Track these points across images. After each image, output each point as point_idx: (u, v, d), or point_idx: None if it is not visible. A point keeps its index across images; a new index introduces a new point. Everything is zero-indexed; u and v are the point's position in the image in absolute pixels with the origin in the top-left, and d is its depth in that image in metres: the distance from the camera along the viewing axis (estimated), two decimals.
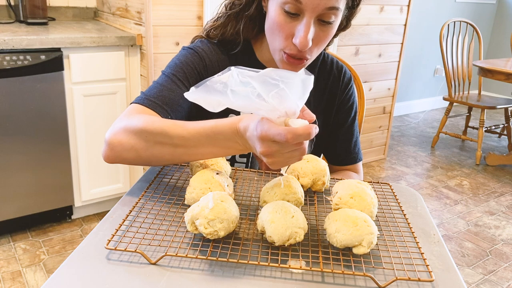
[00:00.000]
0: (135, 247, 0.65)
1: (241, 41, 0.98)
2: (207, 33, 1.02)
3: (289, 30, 0.86)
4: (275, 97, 0.61)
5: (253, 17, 0.96)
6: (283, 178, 0.79)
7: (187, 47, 1.00)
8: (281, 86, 0.61)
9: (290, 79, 0.62)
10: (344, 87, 1.10)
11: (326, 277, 0.63)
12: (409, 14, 3.09)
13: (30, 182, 2.08)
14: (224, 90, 0.62)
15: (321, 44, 0.90)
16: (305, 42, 0.84)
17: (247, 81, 0.62)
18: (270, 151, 0.65)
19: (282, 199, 0.75)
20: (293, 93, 0.62)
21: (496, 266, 2.18)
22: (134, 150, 0.80)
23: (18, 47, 1.85)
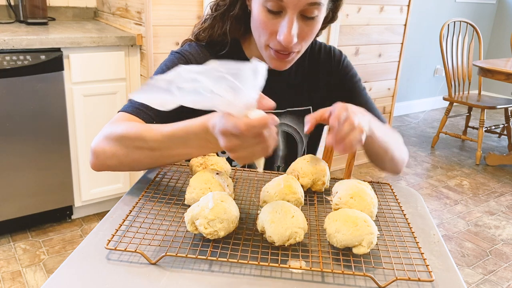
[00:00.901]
0: (135, 247, 0.65)
1: (229, 41, 0.99)
2: (196, 36, 1.03)
3: (273, 28, 0.87)
4: (227, 90, 0.60)
5: (239, 16, 0.96)
6: (283, 178, 0.79)
7: (175, 52, 1.01)
8: (229, 78, 0.60)
9: (238, 69, 0.61)
10: (336, 64, 1.09)
11: (326, 277, 0.63)
12: (409, 14, 3.09)
13: (30, 182, 2.08)
14: (169, 88, 0.61)
15: (307, 38, 0.91)
16: (288, 39, 0.85)
17: (195, 78, 0.61)
18: (231, 145, 0.65)
19: (282, 199, 0.75)
20: (244, 84, 0.61)
21: (496, 266, 2.18)
22: (116, 156, 0.82)
23: (18, 47, 1.85)
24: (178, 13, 2.08)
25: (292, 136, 1.08)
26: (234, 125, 0.61)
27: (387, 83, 3.19)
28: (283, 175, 0.80)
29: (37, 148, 2.04)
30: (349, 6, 2.78)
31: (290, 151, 1.10)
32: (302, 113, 1.07)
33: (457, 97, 3.63)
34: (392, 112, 3.33)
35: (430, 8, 4.42)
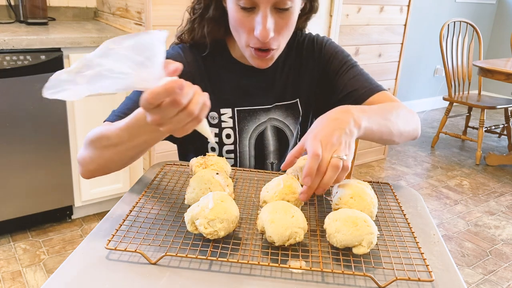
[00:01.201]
0: (135, 247, 0.65)
1: (208, 43, 1.00)
2: (180, 38, 1.04)
3: (249, 25, 0.88)
4: (133, 67, 0.59)
5: (216, 18, 0.97)
6: (283, 178, 0.79)
7: None
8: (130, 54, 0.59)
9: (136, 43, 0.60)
10: (318, 50, 1.08)
11: (326, 277, 0.63)
12: (409, 14, 3.09)
13: (30, 182, 2.08)
14: (75, 79, 0.60)
15: (284, 31, 0.91)
16: (265, 33, 0.86)
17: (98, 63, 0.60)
18: (153, 120, 0.64)
19: (282, 199, 0.75)
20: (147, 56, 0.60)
21: (496, 266, 2.18)
22: (93, 160, 0.84)
23: (18, 47, 1.85)
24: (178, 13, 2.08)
25: (282, 130, 1.08)
26: (143, 98, 0.61)
27: (387, 83, 3.19)
28: (283, 175, 0.80)
29: (37, 148, 2.04)
30: (349, 6, 2.78)
31: (281, 146, 1.10)
32: (289, 106, 1.08)
33: (457, 97, 3.63)
34: None
35: (430, 8, 4.42)
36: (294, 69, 1.08)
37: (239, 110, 1.04)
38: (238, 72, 1.04)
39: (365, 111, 0.85)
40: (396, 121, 0.92)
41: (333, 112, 0.80)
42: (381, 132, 0.88)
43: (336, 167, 0.71)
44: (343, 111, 0.80)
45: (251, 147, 1.07)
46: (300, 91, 1.09)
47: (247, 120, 1.05)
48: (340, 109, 0.81)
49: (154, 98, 0.60)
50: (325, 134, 0.74)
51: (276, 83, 1.06)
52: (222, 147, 1.05)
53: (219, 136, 1.04)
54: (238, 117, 1.04)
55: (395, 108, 0.95)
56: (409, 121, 0.98)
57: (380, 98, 1.01)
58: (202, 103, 0.65)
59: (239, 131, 1.05)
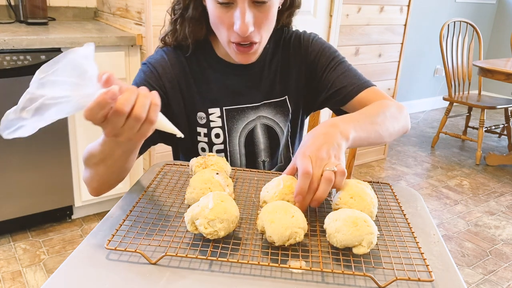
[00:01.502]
0: (135, 247, 0.65)
1: (190, 44, 1.00)
2: (163, 40, 1.05)
3: (228, 20, 0.89)
4: (70, 89, 0.60)
5: (196, 17, 0.98)
6: (283, 178, 0.79)
7: (143, 63, 1.03)
8: (64, 78, 0.59)
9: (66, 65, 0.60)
10: (305, 47, 1.07)
11: (326, 277, 0.63)
12: (409, 14, 3.09)
13: (30, 182, 2.08)
14: (20, 117, 0.61)
15: (264, 25, 0.91)
16: (244, 28, 0.86)
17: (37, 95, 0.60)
18: (107, 132, 0.65)
19: (282, 199, 0.75)
20: (80, 75, 0.60)
21: (496, 266, 2.18)
22: (92, 179, 0.86)
23: (18, 47, 1.85)
24: None
25: (272, 128, 1.08)
26: (84, 116, 0.61)
27: (387, 83, 3.20)
28: (283, 175, 0.80)
29: (37, 148, 2.04)
30: (349, 6, 2.78)
31: (272, 144, 1.10)
32: (278, 104, 1.08)
33: (457, 97, 3.63)
34: None
35: (430, 8, 4.42)
36: (282, 66, 1.08)
37: (228, 109, 1.04)
38: (224, 70, 1.04)
39: (352, 120, 0.86)
40: (384, 122, 0.93)
41: (320, 127, 0.81)
42: (369, 137, 0.89)
43: (329, 180, 0.72)
44: (329, 125, 0.81)
45: (241, 146, 1.07)
46: (289, 88, 1.08)
47: (236, 119, 1.05)
48: (326, 124, 0.82)
49: (90, 115, 0.61)
50: (314, 150, 0.75)
51: (263, 80, 1.06)
52: (212, 147, 1.05)
53: (208, 136, 1.04)
54: (226, 116, 1.04)
55: (382, 109, 0.95)
56: (398, 118, 0.97)
57: (369, 95, 1.01)
58: (149, 103, 0.65)
59: (228, 130, 1.04)
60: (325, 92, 1.06)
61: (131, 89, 0.63)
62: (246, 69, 1.04)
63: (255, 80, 1.06)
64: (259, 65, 1.05)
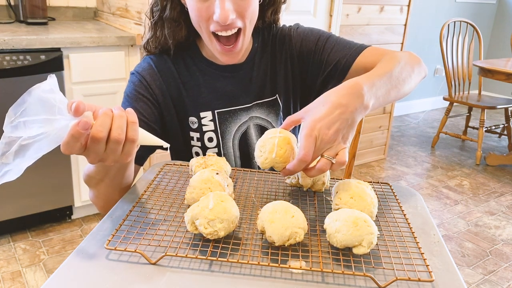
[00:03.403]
0: (135, 247, 0.65)
1: (172, 46, 1.00)
2: (145, 48, 1.04)
3: (208, 11, 0.88)
4: (44, 126, 0.59)
5: (175, 18, 0.97)
6: (278, 142, 0.75)
7: (131, 72, 1.03)
8: (33, 117, 0.59)
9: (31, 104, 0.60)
10: (288, 39, 1.07)
11: (326, 277, 0.63)
12: (409, 14, 3.09)
13: (30, 182, 2.08)
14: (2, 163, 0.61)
15: (247, 11, 0.90)
16: (224, 14, 0.85)
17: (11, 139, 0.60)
18: (92, 160, 0.65)
19: (272, 165, 0.75)
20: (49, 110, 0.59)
21: (496, 266, 2.18)
22: (97, 197, 0.87)
23: (18, 47, 1.85)
24: None
25: (266, 128, 1.07)
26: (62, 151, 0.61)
27: None
28: (281, 136, 0.77)
29: None
30: (349, 6, 2.78)
31: None
32: (269, 104, 1.07)
33: (457, 97, 3.63)
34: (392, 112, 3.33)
35: (430, 8, 4.42)
36: (271, 64, 1.07)
37: (219, 112, 1.03)
38: (213, 73, 1.03)
39: (374, 85, 0.79)
40: (401, 83, 0.88)
41: (343, 91, 0.74)
42: (388, 98, 0.84)
43: (322, 171, 0.71)
44: (353, 93, 0.74)
45: (235, 148, 1.06)
46: (278, 86, 1.07)
47: (229, 121, 1.04)
48: (350, 90, 0.74)
49: (67, 149, 0.60)
50: (324, 127, 0.70)
51: (253, 81, 1.05)
52: (205, 151, 1.04)
53: (201, 140, 1.04)
54: (219, 119, 1.03)
55: (394, 63, 0.89)
56: (413, 66, 0.93)
57: (367, 57, 0.98)
58: (126, 123, 0.64)
59: (221, 133, 1.04)
60: (321, 74, 1.04)
61: (105, 113, 0.62)
62: (235, 70, 1.03)
63: (245, 81, 1.05)
64: (248, 65, 1.05)
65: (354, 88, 0.75)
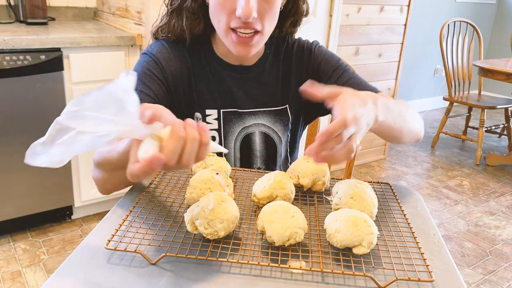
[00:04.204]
0: (135, 247, 0.65)
1: (187, 37, 0.98)
2: (155, 35, 1.03)
3: (231, 5, 0.87)
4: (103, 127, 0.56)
5: (195, 10, 0.96)
6: (275, 173, 0.79)
7: (143, 53, 1.01)
8: (104, 115, 0.56)
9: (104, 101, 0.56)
10: (307, 56, 1.06)
11: (326, 277, 0.63)
12: (409, 14, 3.09)
13: (30, 182, 2.08)
14: (48, 150, 0.58)
15: (268, 15, 0.89)
16: (247, 11, 0.84)
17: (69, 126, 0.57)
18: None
19: (271, 194, 0.77)
20: (119, 112, 0.55)
21: (496, 266, 2.18)
22: (106, 181, 0.84)
23: (18, 47, 1.85)
24: None
25: (270, 136, 1.06)
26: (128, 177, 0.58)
27: (387, 83, 3.19)
28: (277, 171, 0.81)
29: None
30: (349, 6, 2.78)
31: (269, 152, 1.08)
32: (278, 112, 1.06)
33: (457, 97, 3.63)
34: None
35: (430, 8, 4.42)
36: (284, 74, 1.06)
37: (225, 112, 1.02)
38: (223, 71, 1.02)
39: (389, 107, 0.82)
40: (408, 123, 0.91)
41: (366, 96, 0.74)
42: (392, 129, 0.86)
43: (351, 152, 0.65)
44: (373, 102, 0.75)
45: (237, 150, 1.05)
46: (290, 98, 1.07)
47: (233, 122, 1.03)
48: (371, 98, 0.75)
49: (134, 179, 0.57)
50: (359, 115, 0.67)
51: (261, 86, 1.04)
52: None
53: None
54: (223, 119, 1.02)
55: (408, 109, 0.95)
56: (416, 124, 0.97)
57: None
58: (198, 144, 0.58)
59: (224, 133, 1.03)
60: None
61: (178, 136, 0.56)
62: (244, 72, 1.03)
63: (253, 85, 1.04)
64: (257, 70, 1.04)
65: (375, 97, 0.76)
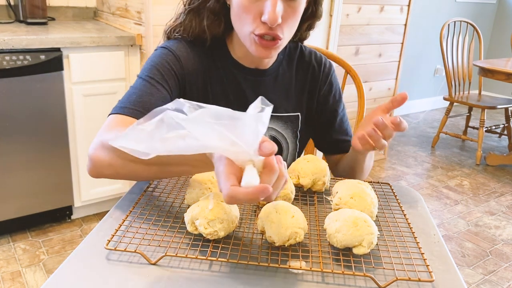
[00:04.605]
0: (135, 247, 0.65)
1: (208, 38, 0.96)
2: (168, 35, 1.00)
3: (256, 10, 0.85)
4: (222, 140, 0.54)
5: (216, 11, 0.94)
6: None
7: (161, 47, 0.97)
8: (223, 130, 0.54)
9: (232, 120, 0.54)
10: (324, 78, 1.08)
11: (326, 277, 0.63)
12: (409, 14, 3.09)
13: (30, 182, 2.08)
14: (148, 140, 0.56)
15: (291, 21, 0.89)
16: (274, 17, 0.83)
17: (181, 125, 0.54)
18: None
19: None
20: (240, 136, 0.54)
21: (497, 266, 2.18)
22: (112, 167, 0.78)
23: (17, 47, 1.85)
24: None
25: (278, 142, 1.05)
26: (221, 188, 0.56)
27: (387, 83, 3.19)
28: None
29: (36, 148, 2.04)
30: (349, 6, 2.78)
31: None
32: (288, 119, 1.05)
33: (457, 97, 3.63)
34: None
35: (430, 8, 4.42)
36: (298, 82, 1.06)
37: None
38: (238, 74, 1.01)
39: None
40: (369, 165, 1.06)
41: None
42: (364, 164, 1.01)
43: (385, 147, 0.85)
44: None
45: None
46: (302, 106, 1.07)
47: None
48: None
49: (231, 202, 0.55)
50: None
51: (276, 91, 1.04)
52: None
53: None
54: None
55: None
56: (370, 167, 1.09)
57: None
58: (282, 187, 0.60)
59: None
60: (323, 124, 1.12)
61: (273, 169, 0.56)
62: (259, 75, 1.01)
63: (267, 88, 1.03)
64: (272, 73, 1.03)
65: None
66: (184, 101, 0.57)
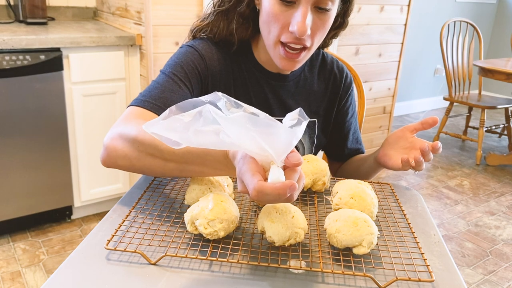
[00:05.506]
0: (135, 247, 0.65)
1: (236, 41, 0.96)
2: (194, 35, 1.00)
3: (285, 19, 0.85)
4: (254, 143, 0.55)
5: (246, 15, 0.93)
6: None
7: (187, 45, 0.97)
8: (257, 137, 0.54)
9: (269, 128, 0.55)
10: (346, 89, 1.09)
11: (326, 277, 0.63)
12: (409, 14, 3.09)
13: (30, 182, 2.08)
14: (183, 130, 0.56)
15: (319, 32, 0.88)
16: (303, 28, 0.83)
17: (217, 120, 0.55)
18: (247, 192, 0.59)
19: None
20: (270, 143, 0.55)
21: (497, 266, 2.18)
22: (128, 158, 0.77)
23: (17, 47, 1.85)
24: (177, 13, 2.08)
25: (296, 147, 1.04)
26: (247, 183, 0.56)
27: (387, 83, 3.19)
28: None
29: (36, 148, 2.04)
30: None
31: None
32: (307, 124, 1.04)
33: (457, 97, 3.63)
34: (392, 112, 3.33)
35: (430, 8, 4.42)
36: (319, 89, 1.06)
37: None
38: (261, 77, 1.00)
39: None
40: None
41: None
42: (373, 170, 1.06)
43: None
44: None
45: None
46: (320, 113, 1.07)
47: None
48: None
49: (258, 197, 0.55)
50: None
51: (297, 96, 1.04)
52: None
53: None
54: None
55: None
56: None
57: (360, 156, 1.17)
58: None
59: None
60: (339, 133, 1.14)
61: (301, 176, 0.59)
62: (281, 80, 1.01)
63: (288, 93, 1.03)
64: (293, 79, 1.03)
65: None
66: (221, 95, 0.58)
